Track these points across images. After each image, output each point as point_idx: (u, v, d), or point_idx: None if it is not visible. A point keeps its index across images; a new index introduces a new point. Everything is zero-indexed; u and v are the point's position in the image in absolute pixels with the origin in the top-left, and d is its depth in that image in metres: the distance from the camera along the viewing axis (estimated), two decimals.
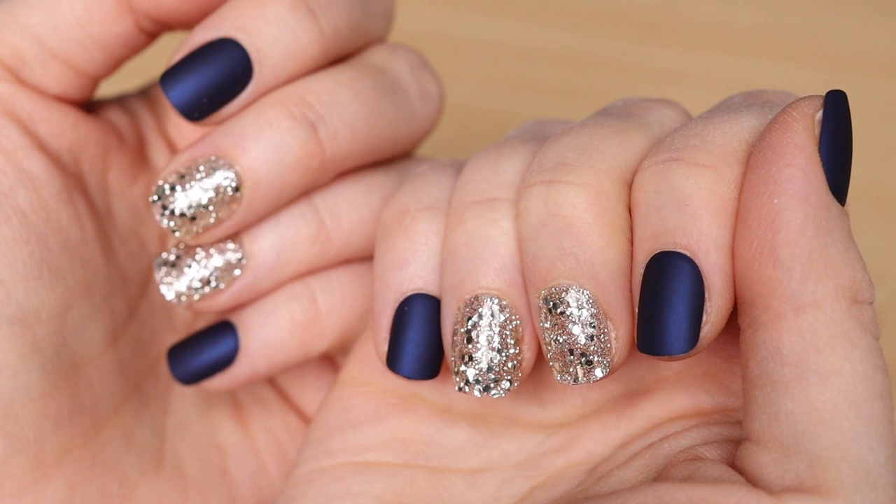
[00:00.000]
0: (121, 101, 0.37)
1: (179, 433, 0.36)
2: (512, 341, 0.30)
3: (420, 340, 0.31)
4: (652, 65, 0.63)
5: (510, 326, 0.30)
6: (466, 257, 0.30)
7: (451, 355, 0.30)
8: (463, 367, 0.30)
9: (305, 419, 0.38)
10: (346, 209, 0.34)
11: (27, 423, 0.32)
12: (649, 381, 0.31)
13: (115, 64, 0.34)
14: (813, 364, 0.26)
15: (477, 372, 0.30)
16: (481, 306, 0.30)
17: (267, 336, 0.34)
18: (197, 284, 0.34)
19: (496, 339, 0.30)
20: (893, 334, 0.51)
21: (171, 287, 0.34)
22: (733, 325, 0.28)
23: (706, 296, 0.27)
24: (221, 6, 0.33)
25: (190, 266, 0.34)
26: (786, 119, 0.27)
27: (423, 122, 0.36)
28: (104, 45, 0.33)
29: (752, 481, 0.26)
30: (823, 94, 0.27)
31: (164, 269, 0.34)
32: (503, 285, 0.30)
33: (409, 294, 0.31)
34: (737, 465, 0.27)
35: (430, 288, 0.31)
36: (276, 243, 0.34)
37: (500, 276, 0.30)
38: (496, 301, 0.30)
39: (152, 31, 0.34)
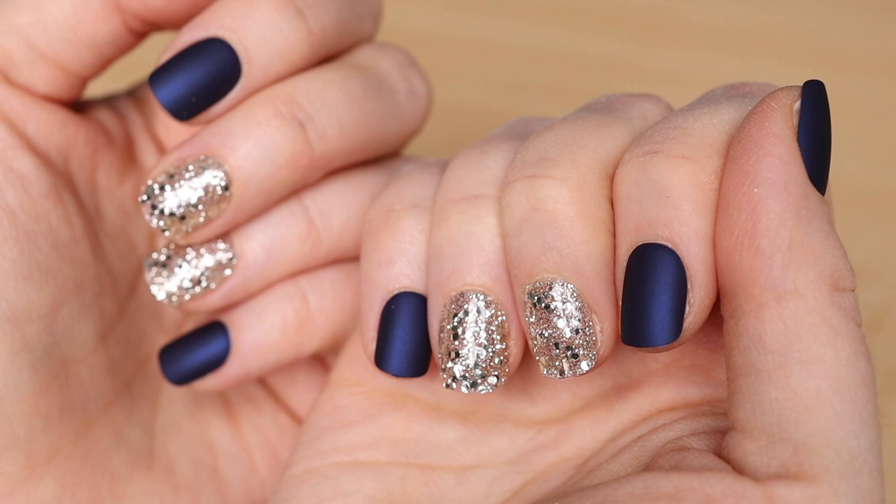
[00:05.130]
0: (109, 100, 0.37)
1: (170, 432, 0.36)
2: (498, 337, 0.30)
3: (407, 338, 0.31)
4: (652, 65, 0.63)
5: (496, 322, 0.30)
6: (451, 254, 0.30)
7: (438, 352, 0.30)
8: (450, 364, 0.30)
9: (296, 418, 0.38)
10: (336, 208, 0.34)
11: (18, 422, 0.32)
12: (637, 375, 0.31)
13: (104, 64, 0.34)
14: (795, 351, 0.26)
15: (464, 368, 0.30)
16: (467, 303, 0.30)
17: (258, 336, 0.34)
18: (188, 284, 0.34)
19: (482, 334, 0.30)
20: (893, 334, 0.51)
21: (162, 287, 0.34)
22: (720, 316, 0.28)
23: (688, 286, 0.27)
24: (210, 6, 0.33)
25: (181, 266, 0.34)
26: (764, 109, 0.27)
27: (411, 121, 0.36)
28: (92, 44, 0.33)
29: (739, 469, 0.26)
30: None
31: (154, 270, 0.34)
32: (488, 281, 0.30)
33: (395, 292, 0.31)
34: (723, 454, 0.27)
35: (416, 286, 0.31)
36: (266, 243, 0.34)
37: (485, 273, 0.30)
38: (482, 297, 0.30)
39: (141, 31, 0.34)
